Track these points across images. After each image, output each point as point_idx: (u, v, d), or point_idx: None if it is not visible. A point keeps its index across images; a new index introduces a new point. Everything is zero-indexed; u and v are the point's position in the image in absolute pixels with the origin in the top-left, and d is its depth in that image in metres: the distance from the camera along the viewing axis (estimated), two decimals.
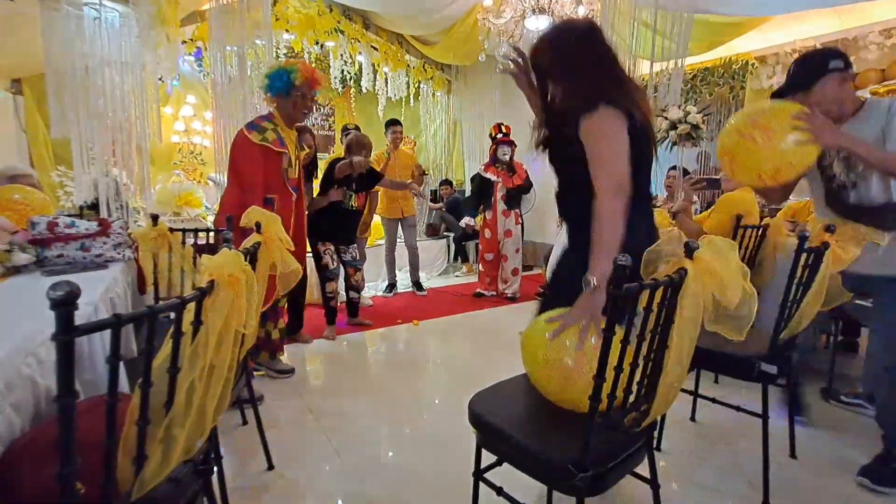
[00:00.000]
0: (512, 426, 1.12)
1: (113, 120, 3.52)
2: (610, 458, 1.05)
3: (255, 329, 1.34)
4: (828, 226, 1.60)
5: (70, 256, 1.79)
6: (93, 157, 3.38)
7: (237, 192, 2.13)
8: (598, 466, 1.00)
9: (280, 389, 2.42)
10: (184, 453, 0.90)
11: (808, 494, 1.67)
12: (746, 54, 4.61)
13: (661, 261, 1.05)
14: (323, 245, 3.19)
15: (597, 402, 0.92)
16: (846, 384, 2.45)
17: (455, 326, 3.66)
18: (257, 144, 2.10)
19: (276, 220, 1.51)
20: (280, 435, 1.99)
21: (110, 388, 0.73)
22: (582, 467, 0.96)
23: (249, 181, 2.10)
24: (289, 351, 3.06)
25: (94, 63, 3.32)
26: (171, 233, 1.92)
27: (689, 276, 0.97)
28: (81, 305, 1.25)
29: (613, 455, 1.06)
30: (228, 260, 0.94)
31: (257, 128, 2.13)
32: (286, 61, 2.23)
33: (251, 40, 3.54)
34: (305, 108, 2.22)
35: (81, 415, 0.96)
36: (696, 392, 2.00)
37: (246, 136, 2.10)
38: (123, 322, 0.68)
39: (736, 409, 1.78)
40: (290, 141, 2.28)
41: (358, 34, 4.85)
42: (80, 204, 3.36)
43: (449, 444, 1.92)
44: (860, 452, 1.88)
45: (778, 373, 1.58)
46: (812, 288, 1.56)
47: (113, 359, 0.70)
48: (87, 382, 1.23)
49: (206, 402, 0.93)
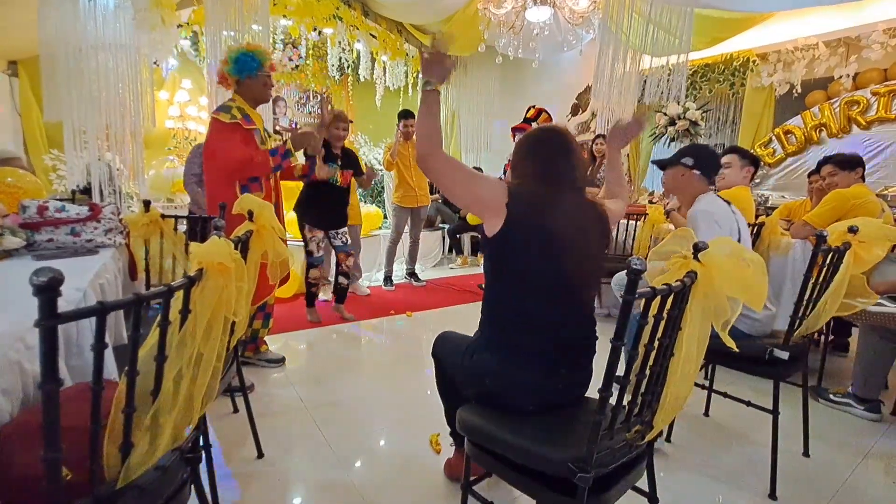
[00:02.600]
0: (506, 432, 1.08)
1: (107, 104, 3.48)
2: (612, 461, 0.99)
3: (245, 317, 1.34)
4: (850, 226, 1.60)
5: (60, 241, 1.77)
6: (86, 141, 3.34)
7: (219, 178, 2.14)
8: (599, 469, 0.95)
9: (271, 378, 2.42)
10: (171, 441, 0.90)
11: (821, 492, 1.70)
12: (748, 51, 4.59)
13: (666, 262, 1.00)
14: (311, 232, 3.14)
15: (601, 416, 0.88)
16: (836, 383, 2.48)
17: (450, 318, 3.66)
18: (228, 123, 2.11)
19: (268, 208, 1.50)
20: (270, 424, 1.99)
21: (95, 375, 0.73)
22: (582, 467, 0.92)
23: (228, 162, 2.11)
24: (280, 340, 3.07)
25: (88, 46, 3.27)
26: (164, 219, 1.90)
27: (698, 280, 0.92)
28: (70, 291, 1.26)
29: (614, 462, 1.01)
30: (218, 248, 0.93)
31: (224, 108, 2.15)
32: (246, 45, 2.26)
33: (248, 25, 3.49)
34: (271, 86, 2.30)
35: (69, 400, 0.96)
36: (711, 387, 2.02)
37: (217, 118, 2.12)
38: (108, 309, 0.67)
39: (746, 404, 1.80)
40: (259, 120, 2.29)
41: (357, 21, 4.79)
42: (72, 188, 3.33)
43: (442, 435, 1.92)
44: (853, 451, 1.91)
45: (791, 368, 1.60)
46: (831, 287, 1.57)
47: (97, 346, 0.69)
48: (75, 368, 1.23)
49: (193, 390, 0.93)
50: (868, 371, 2.18)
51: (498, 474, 1.10)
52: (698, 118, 3.47)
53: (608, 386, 0.87)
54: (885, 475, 1.82)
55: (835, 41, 4.12)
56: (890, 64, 3.89)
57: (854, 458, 1.90)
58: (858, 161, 2.67)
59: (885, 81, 3.91)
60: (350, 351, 2.97)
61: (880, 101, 3.89)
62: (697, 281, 0.93)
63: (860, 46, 3.98)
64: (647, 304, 0.88)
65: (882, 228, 1.63)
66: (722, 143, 5.30)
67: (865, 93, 3.97)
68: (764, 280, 0.95)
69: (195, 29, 4.14)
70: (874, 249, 1.59)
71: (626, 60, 4.30)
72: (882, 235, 1.61)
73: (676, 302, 0.92)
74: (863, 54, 3.96)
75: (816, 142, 4.27)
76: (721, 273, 0.93)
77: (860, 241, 1.59)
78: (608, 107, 4.95)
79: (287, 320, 3.38)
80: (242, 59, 2.14)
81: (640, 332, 0.89)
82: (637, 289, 0.82)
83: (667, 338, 0.94)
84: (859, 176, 2.64)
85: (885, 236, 1.62)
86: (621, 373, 0.95)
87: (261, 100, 2.28)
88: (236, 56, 2.15)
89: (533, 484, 1.02)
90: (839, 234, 1.60)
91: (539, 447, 1.02)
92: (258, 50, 2.20)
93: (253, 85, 2.20)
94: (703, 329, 0.95)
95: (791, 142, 4.39)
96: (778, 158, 4.44)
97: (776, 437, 1.64)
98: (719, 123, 5.03)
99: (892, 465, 1.88)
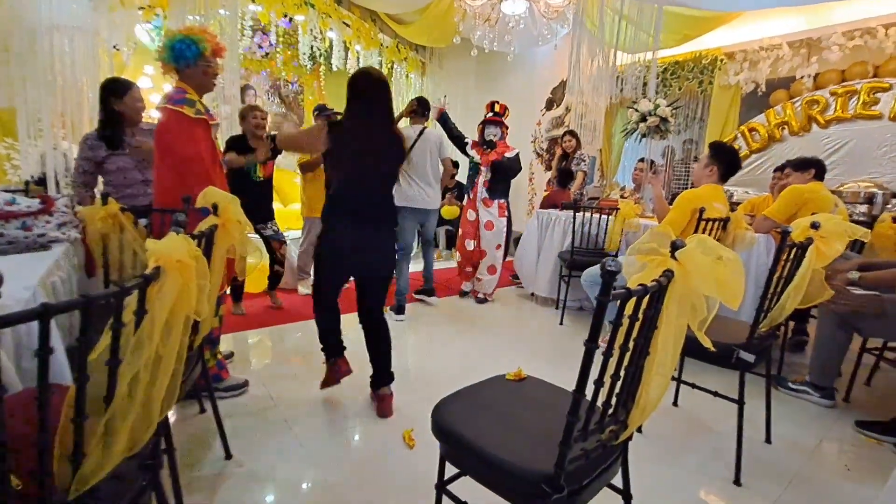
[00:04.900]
0: (480, 438, 1.05)
1: (63, 89, 3.29)
2: (585, 475, 0.99)
3: (210, 315, 1.29)
4: (812, 222, 1.66)
5: (10, 236, 1.66)
6: (40, 129, 3.16)
7: (173, 175, 1.92)
8: (573, 483, 0.94)
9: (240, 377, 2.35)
10: (128, 448, 0.86)
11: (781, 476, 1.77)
12: (716, 49, 4.70)
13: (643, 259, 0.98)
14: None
15: (574, 419, 0.87)
16: (793, 372, 2.59)
17: (420, 313, 3.64)
18: (194, 119, 1.93)
19: (234, 202, 1.45)
20: (239, 424, 1.94)
21: (40, 382, 0.68)
22: (557, 486, 0.90)
23: (193, 161, 1.92)
24: (250, 336, 3.00)
25: (42, 27, 3.08)
26: (123, 213, 1.81)
27: (674, 279, 0.91)
28: (18, 290, 1.18)
29: (589, 471, 1.00)
30: (177, 245, 0.88)
31: (187, 102, 1.94)
32: (186, 29, 2.01)
33: (215, 10, 3.35)
34: (215, 75, 2.08)
35: (18, 406, 0.91)
36: (680, 378, 2.07)
37: (180, 112, 1.90)
38: (51, 312, 0.63)
39: (714, 395, 1.86)
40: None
41: (329, 9, 4.67)
42: (26, 179, 3.15)
43: (415, 430, 1.91)
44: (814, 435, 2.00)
45: (756, 361, 1.65)
46: (794, 281, 1.63)
47: (40, 352, 0.65)
48: (28, 371, 1.16)
49: (152, 394, 0.88)
50: (825, 359, 2.28)
51: (471, 476, 1.08)
52: (668, 115, 3.53)
53: (582, 388, 0.85)
54: (838, 459, 1.91)
55: (797, 42, 4.25)
56: (847, 65, 4.05)
57: (811, 443, 1.99)
58: (811, 163, 2.88)
59: (842, 82, 4.06)
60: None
61: (838, 101, 4.04)
62: (674, 280, 0.92)
63: (821, 48, 4.12)
64: (622, 304, 0.86)
65: (841, 224, 1.69)
66: (691, 139, 5.44)
67: (825, 93, 4.12)
68: (740, 279, 0.94)
69: (158, 12, 3.95)
70: (834, 245, 1.65)
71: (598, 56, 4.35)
72: (841, 231, 1.68)
73: (652, 302, 0.91)
74: (823, 55, 4.11)
75: (779, 139, 4.41)
76: (698, 271, 0.92)
77: (821, 237, 1.65)
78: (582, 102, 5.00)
79: (255, 316, 3.31)
80: (178, 48, 1.92)
81: (615, 333, 0.88)
82: (611, 291, 0.81)
83: (642, 337, 0.94)
84: (811, 176, 2.85)
85: (844, 232, 1.68)
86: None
87: (204, 90, 2.07)
88: (171, 43, 1.93)
89: (506, 489, 1.00)
90: (802, 230, 1.66)
91: (512, 463, 0.98)
92: (198, 37, 1.97)
93: (193, 74, 1.98)
94: (680, 328, 0.95)
95: (755, 139, 4.53)
96: (743, 155, 4.57)
97: (741, 426, 1.70)
98: (688, 120, 5.15)
99: (843, 449, 1.98)
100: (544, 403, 1.24)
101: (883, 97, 3.83)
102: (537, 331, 3.39)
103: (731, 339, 1.70)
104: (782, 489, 1.68)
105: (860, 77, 3.97)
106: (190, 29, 2.00)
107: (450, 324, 3.43)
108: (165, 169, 1.94)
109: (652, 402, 0.99)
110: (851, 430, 2.08)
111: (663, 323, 0.94)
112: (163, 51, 1.94)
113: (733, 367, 1.67)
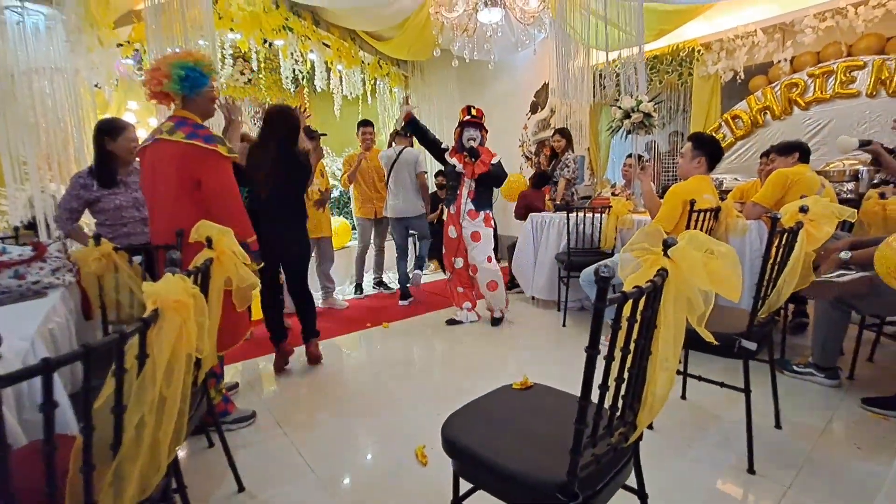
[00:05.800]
0: (491, 451, 1.04)
1: (46, 131, 3.29)
2: (599, 480, 0.99)
3: (211, 351, 1.29)
4: (801, 206, 1.67)
5: (3, 285, 1.65)
6: (26, 172, 3.15)
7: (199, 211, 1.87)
8: (587, 489, 0.93)
9: (247, 406, 2.34)
10: (139, 493, 0.85)
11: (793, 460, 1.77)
12: (692, 41, 4.76)
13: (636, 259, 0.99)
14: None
15: (583, 426, 0.87)
16: (796, 354, 2.60)
17: (425, 327, 3.64)
18: (229, 157, 1.95)
19: (228, 234, 1.45)
20: (249, 454, 1.93)
21: (46, 435, 0.67)
22: (571, 494, 0.89)
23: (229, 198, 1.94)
24: (253, 365, 2.98)
25: (20, 71, 3.09)
26: (116, 252, 1.80)
27: (669, 278, 0.92)
28: (15, 341, 1.18)
29: (603, 475, 1.00)
30: (173, 285, 0.88)
31: (217, 139, 1.93)
32: (187, 56, 1.95)
33: (193, 41, 3.37)
34: (215, 99, 2.12)
35: (23, 461, 0.90)
36: (686, 371, 2.08)
37: (215, 151, 1.89)
38: (53, 367, 0.63)
39: (720, 385, 1.85)
40: None
41: (308, 31, 4.71)
42: (15, 224, 3.13)
43: (427, 446, 1.90)
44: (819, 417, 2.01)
45: (758, 349, 1.66)
46: (788, 266, 1.64)
47: (46, 407, 0.64)
48: (29, 423, 1.15)
49: (159, 436, 0.88)
50: (825, 340, 2.30)
51: (486, 490, 1.08)
52: (650, 110, 3.57)
53: (587, 395, 0.85)
54: (848, 438, 1.92)
55: (771, 27, 4.32)
56: (821, 47, 4.12)
57: (820, 424, 1.99)
58: (794, 146, 2.92)
59: (818, 63, 4.13)
60: (326, 369, 2.90)
61: (816, 82, 4.10)
62: (669, 278, 0.93)
63: (794, 31, 4.19)
64: (619, 308, 0.87)
65: (829, 207, 1.71)
66: (676, 131, 5.49)
67: (802, 75, 4.17)
68: (737, 271, 0.94)
69: (137, 47, 3.96)
70: (824, 227, 1.67)
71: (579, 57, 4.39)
72: (830, 213, 1.70)
73: (649, 302, 0.92)
74: (797, 39, 4.17)
75: (762, 124, 4.46)
76: (691, 268, 0.92)
77: (811, 220, 1.67)
78: (566, 103, 5.04)
79: (259, 341, 3.29)
80: (193, 76, 1.91)
81: (615, 335, 0.88)
82: (607, 296, 0.81)
83: (642, 338, 0.94)
84: (796, 159, 2.87)
85: (832, 214, 1.70)
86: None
87: (207, 116, 2.08)
88: (183, 72, 1.89)
89: (522, 500, 0.99)
90: (792, 215, 1.67)
91: (524, 473, 0.97)
92: (203, 62, 1.96)
93: (201, 102, 2.00)
94: (679, 324, 0.95)
95: (739, 126, 4.58)
96: (728, 143, 4.61)
97: (749, 414, 1.70)
98: (672, 113, 5.20)
99: (851, 428, 1.98)
100: (553, 410, 1.24)
101: (859, 75, 3.89)
102: (542, 334, 3.39)
103: (731, 329, 1.71)
104: (796, 473, 1.68)
105: (834, 57, 4.04)
106: (191, 55, 1.97)
107: (453, 333, 3.43)
108: (191, 204, 1.91)
109: (659, 398, 0.99)
110: (858, 408, 2.09)
111: (662, 321, 0.94)
112: (168, 78, 1.89)
113: (736, 357, 1.68)
